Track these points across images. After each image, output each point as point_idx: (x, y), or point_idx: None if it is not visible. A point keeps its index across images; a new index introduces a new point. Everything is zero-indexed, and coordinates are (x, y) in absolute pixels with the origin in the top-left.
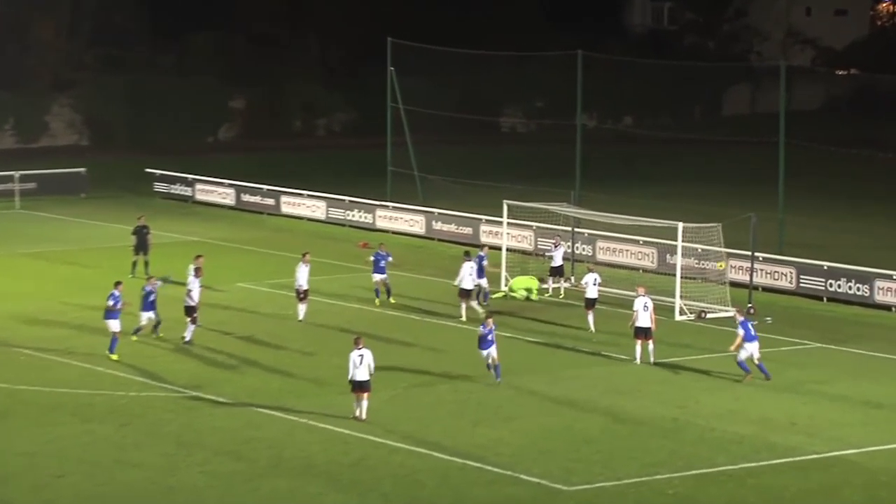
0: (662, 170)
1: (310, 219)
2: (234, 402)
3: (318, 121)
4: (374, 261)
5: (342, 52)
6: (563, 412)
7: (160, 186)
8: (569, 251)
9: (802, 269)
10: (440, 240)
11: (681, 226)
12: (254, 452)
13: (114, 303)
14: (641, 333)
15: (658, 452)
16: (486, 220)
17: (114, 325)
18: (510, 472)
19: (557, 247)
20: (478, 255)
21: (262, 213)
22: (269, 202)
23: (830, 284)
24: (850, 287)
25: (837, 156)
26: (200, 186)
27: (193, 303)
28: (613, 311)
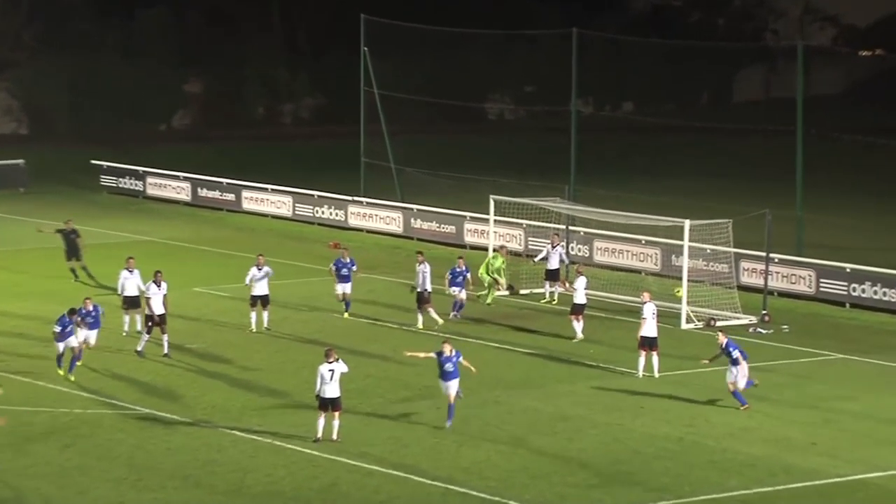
0: (666, 162)
1: (274, 216)
2: (192, 421)
3: (284, 107)
4: (336, 269)
5: (310, 31)
6: (557, 431)
7: (107, 180)
8: (565, 254)
9: (823, 272)
10: (420, 239)
11: (687, 223)
12: (213, 477)
13: (61, 328)
14: (647, 343)
15: (663, 476)
16: (471, 218)
17: (72, 342)
18: (498, 499)
19: (555, 248)
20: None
21: (222, 210)
22: (230, 197)
23: (854, 289)
24: (876, 292)
25: (861, 146)
26: (152, 180)
27: (150, 311)
28: (613, 319)
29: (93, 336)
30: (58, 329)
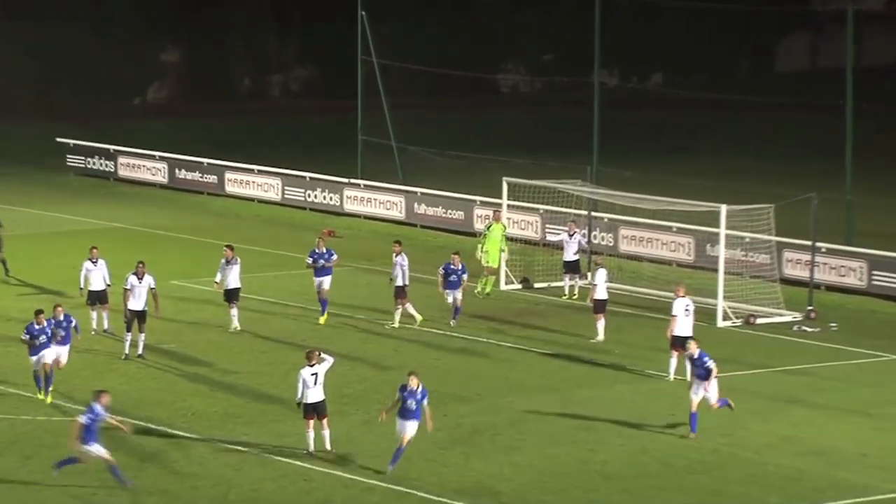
0: (700, 140)
1: (262, 200)
2: (169, 430)
3: (272, 78)
4: (312, 261)
5: None
6: (577, 441)
7: (74, 160)
8: (586, 241)
9: (875, 263)
10: (423, 226)
11: (724, 209)
12: (193, 492)
13: (29, 336)
14: (680, 343)
15: (696, 492)
16: (481, 203)
17: (46, 357)
18: None
19: (573, 236)
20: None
21: (203, 194)
22: (211, 179)
23: None
24: None
25: None
26: (125, 160)
27: (126, 307)
28: (641, 316)
29: (64, 353)
30: (25, 337)
